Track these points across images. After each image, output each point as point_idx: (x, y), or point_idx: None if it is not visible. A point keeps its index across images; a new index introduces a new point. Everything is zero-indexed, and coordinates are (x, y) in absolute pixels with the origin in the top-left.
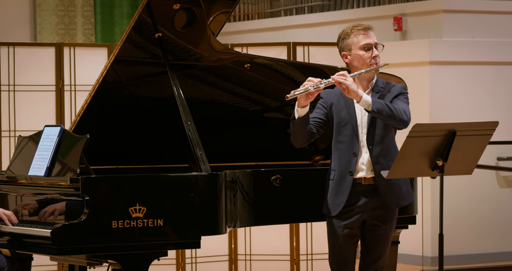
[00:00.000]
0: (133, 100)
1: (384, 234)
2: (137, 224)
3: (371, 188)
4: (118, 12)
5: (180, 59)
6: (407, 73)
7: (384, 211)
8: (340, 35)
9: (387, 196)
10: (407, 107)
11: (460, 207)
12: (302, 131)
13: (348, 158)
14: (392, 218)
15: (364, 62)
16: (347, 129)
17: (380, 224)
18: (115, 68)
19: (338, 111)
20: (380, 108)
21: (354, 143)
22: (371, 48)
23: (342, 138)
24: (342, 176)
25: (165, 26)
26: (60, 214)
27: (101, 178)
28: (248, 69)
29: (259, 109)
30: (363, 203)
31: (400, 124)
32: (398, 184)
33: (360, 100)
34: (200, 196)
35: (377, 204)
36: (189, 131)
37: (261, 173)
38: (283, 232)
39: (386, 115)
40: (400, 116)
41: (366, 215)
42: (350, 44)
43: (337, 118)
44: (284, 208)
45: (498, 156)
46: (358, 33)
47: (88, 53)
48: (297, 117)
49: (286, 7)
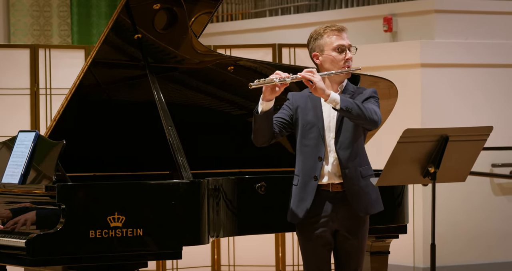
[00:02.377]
0: (112, 104)
1: (357, 245)
2: (115, 233)
3: (339, 195)
4: (95, 12)
5: (160, 61)
6: (397, 76)
7: (354, 221)
8: (312, 35)
9: (355, 202)
10: (378, 109)
11: (453, 216)
12: (264, 128)
13: (312, 162)
14: (363, 229)
15: (336, 64)
16: (313, 133)
17: (350, 237)
18: (93, 71)
19: (304, 114)
20: (348, 106)
21: (320, 147)
22: (344, 50)
23: (308, 141)
24: (306, 181)
25: (144, 27)
26: (35, 224)
27: (78, 185)
28: (232, 72)
29: (243, 114)
30: (332, 211)
31: (370, 124)
32: (367, 191)
33: (327, 98)
34: (182, 204)
35: (347, 213)
36: (170, 136)
37: (245, 180)
38: (268, 241)
39: (356, 114)
40: (370, 116)
41: (337, 224)
42: (323, 45)
43: (302, 121)
44: (269, 217)
45: (493, 162)
46: (332, 33)
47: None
48: (261, 111)
49: (272, 7)
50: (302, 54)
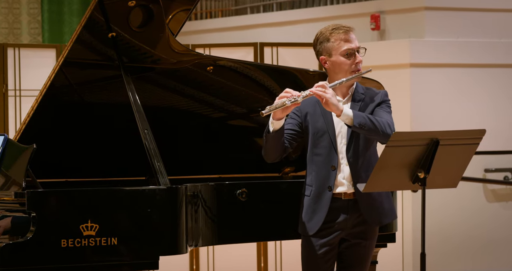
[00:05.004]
0: (85, 106)
1: (365, 252)
2: (88, 242)
3: (352, 203)
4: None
5: (136, 61)
6: (385, 77)
7: (365, 227)
8: (318, 38)
9: (368, 213)
10: (391, 118)
11: (444, 223)
12: (277, 146)
13: (326, 172)
14: (373, 235)
15: (346, 69)
16: (324, 140)
17: (360, 241)
18: (65, 71)
19: (314, 120)
20: (362, 122)
21: (332, 155)
22: (353, 53)
23: (319, 150)
24: (319, 191)
25: (119, 25)
26: (3, 232)
27: (49, 192)
28: (211, 73)
29: (223, 117)
30: (343, 220)
31: (383, 138)
32: (380, 200)
33: (340, 114)
34: (158, 212)
35: (357, 220)
36: (146, 140)
37: (225, 187)
38: (250, 250)
39: (368, 129)
40: (383, 130)
41: (345, 232)
42: (330, 49)
43: (313, 129)
44: (251, 225)
45: (486, 167)
46: (339, 37)
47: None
48: (272, 131)
49: (253, 4)
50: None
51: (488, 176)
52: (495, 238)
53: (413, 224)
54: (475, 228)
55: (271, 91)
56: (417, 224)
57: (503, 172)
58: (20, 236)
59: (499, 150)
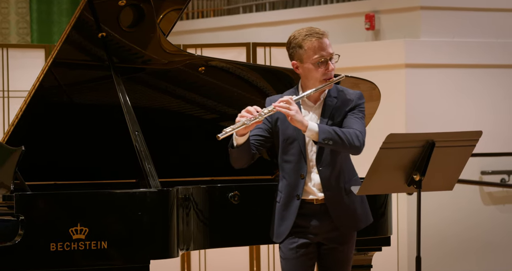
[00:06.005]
0: (74, 108)
1: (343, 256)
2: (78, 246)
3: (324, 208)
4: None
5: (126, 62)
6: (380, 77)
7: (340, 232)
8: (291, 42)
9: (339, 219)
10: (362, 125)
11: (440, 227)
12: (243, 156)
13: (295, 180)
14: (350, 239)
15: (317, 78)
16: (294, 148)
17: (337, 246)
18: (54, 72)
19: (285, 127)
20: (328, 137)
21: (301, 164)
22: (326, 61)
23: (289, 157)
24: (288, 199)
25: (109, 25)
26: None
27: (37, 195)
28: (203, 73)
29: (215, 118)
30: (316, 225)
31: (351, 151)
32: (353, 207)
33: (305, 130)
34: (149, 215)
35: (332, 225)
36: (136, 142)
37: (217, 189)
38: (242, 254)
39: (335, 144)
40: (351, 143)
41: (321, 237)
42: (302, 55)
43: (283, 135)
44: (243, 229)
45: (482, 169)
46: (312, 45)
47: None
48: (236, 146)
49: (245, 4)
50: (277, 54)
51: (485, 178)
52: (492, 241)
53: (408, 227)
54: (471, 231)
55: (263, 92)
56: (412, 227)
57: (499, 174)
58: (7, 240)
59: (496, 152)
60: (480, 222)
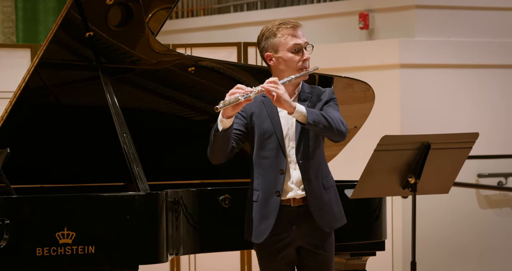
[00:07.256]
0: (61, 109)
1: (325, 260)
2: (65, 251)
3: (302, 210)
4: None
5: (114, 62)
6: (374, 78)
7: (320, 236)
8: (264, 33)
9: (319, 216)
10: (341, 115)
11: (435, 231)
12: (224, 146)
13: (274, 176)
14: (330, 244)
15: (293, 66)
16: (272, 143)
17: (317, 251)
18: (40, 72)
19: (260, 122)
20: (316, 119)
21: (280, 158)
22: (301, 50)
23: (266, 152)
24: (267, 197)
25: (97, 24)
26: None
27: (23, 198)
28: (193, 74)
29: (205, 120)
30: (295, 229)
31: (338, 136)
32: (330, 204)
33: (293, 111)
34: (137, 219)
35: (310, 228)
36: (124, 144)
37: (208, 192)
38: (233, 258)
39: (323, 127)
40: (338, 127)
41: (301, 240)
42: (277, 45)
43: (259, 130)
44: (234, 233)
45: (479, 172)
46: (287, 32)
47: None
48: (221, 130)
49: (236, 2)
50: None
51: (481, 181)
52: (488, 245)
53: (403, 231)
54: (467, 235)
55: None
56: (407, 231)
57: (496, 177)
58: None
59: (493, 154)
60: (477, 226)
